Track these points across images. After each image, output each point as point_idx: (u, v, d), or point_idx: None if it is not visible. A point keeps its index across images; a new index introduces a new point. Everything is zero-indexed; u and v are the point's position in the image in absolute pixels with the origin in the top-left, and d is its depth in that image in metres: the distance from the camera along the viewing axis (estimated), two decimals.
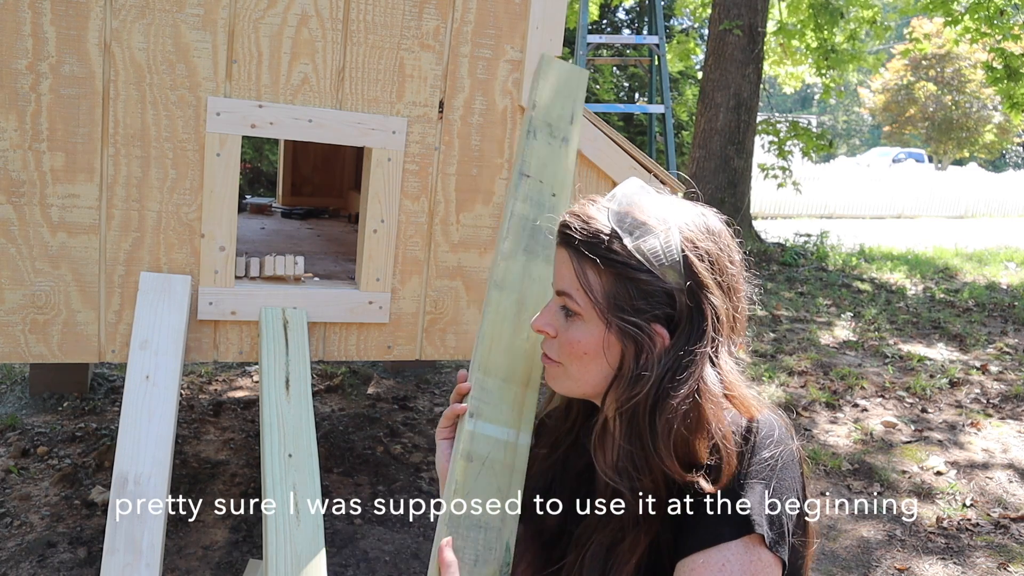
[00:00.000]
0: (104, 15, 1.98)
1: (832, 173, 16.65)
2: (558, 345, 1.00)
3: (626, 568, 0.95)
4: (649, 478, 0.93)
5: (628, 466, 0.94)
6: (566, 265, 0.98)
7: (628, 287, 0.94)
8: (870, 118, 34.05)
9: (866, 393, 4.64)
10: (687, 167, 9.57)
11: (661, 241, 0.94)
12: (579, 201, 1.01)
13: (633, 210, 0.96)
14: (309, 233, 3.61)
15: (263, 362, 2.12)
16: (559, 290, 0.99)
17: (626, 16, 16.63)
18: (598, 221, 0.96)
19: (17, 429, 3.42)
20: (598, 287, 0.95)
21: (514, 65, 2.39)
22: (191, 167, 2.13)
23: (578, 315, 0.98)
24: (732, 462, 0.91)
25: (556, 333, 1.00)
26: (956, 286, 8.15)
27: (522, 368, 1.09)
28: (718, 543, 0.89)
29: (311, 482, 1.90)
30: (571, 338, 0.98)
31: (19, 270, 2.03)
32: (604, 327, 0.96)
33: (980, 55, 18.35)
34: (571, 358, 0.99)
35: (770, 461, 0.92)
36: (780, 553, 0.90)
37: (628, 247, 0.93)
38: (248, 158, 9.11)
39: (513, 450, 1.04)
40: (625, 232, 0.94)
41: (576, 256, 0.96)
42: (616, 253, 0.94)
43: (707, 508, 0.91)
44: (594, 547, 0.98)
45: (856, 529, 3.08)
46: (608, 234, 0.94)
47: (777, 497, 0.91)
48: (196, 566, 2.55)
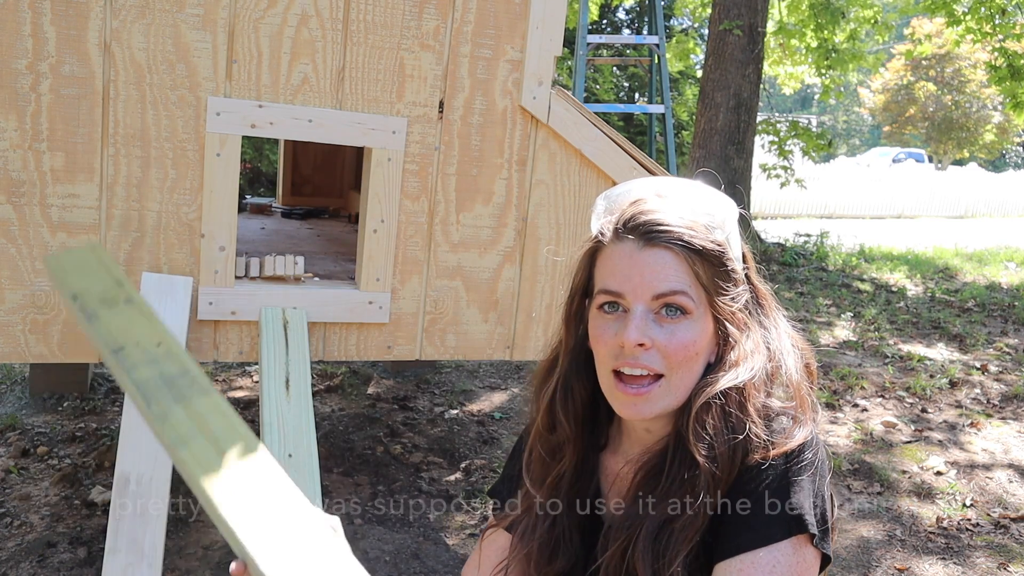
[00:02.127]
0: (104, 15, 1.98)
1: (832, 173, 16.65)
2: (662, 354, 0.94)
3: (685, 546, 0.91)
4: (730, 450, 0.93)
5: (714, 436, 0.93)
6: (669, 264, 0.94)
7: (725, 278, 0.97)
8: (870, 118, 34.06)
9: (866, 393, 4.64)
10: (687, 167, 9.57)
11: (736, 233, 0.99)
12: (634, 200, 0.99)
13: (701, 203, 0.98)
14: (309, 233, 3.61)
15: (263, 362, 2.12)
16: (664, 291, 0.94)
17: (626, 16, 16.63)
18: (686, 215, 0.96)
19: (17, 429, 3.42)
20: (706, 280, 0.95)
21: (514, 65, 2.39)
22: (191, 167, 2.13)
23: (688, 314, 0.94)
24: (806, 408, 0.96)
25: (652, 344, 0.94)
26: (956, 286, 8.15)
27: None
28: (768, 543, 0.88)
29: (311, 482, 1.90)
30: (683, 340, 0.94)
31: (19, 270, 2.04)
32: (712, 321, 0.97)
33: (981, 55, 18.35)
34: (681, 362, 0.95)
35: (810, 456, 0.92)
36: (824, 548, 0.90)
37: (721, 240, 0.97)
38: (248, 158, 9.11)
39: None
40: (716, 226, 0.97)
41: (684, 251, 0.94)
42: (719, 245, 0.96)
43: (758, 507, 0.90)
44: (649, 524, 0.94)
45: (856, 529, 3.08)
46: (704, 227, 0.96)
47: (821, 492, 0.92)
48: (196, 566, 2.55)
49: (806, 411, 0.97)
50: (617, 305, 0.97)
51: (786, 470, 0.91)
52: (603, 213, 1.02)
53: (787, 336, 1.03)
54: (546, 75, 2.41)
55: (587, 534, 1.05)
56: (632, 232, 0.96)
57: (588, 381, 1.05)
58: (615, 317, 0.97)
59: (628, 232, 0.96)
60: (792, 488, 0.90)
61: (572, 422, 1.05)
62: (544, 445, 1.08)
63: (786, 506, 0.89)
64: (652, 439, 1.03)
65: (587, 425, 1.07)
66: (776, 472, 0.91)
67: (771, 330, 1.01)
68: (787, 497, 0.89)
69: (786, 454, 0.91)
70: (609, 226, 0.99)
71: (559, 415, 1.06)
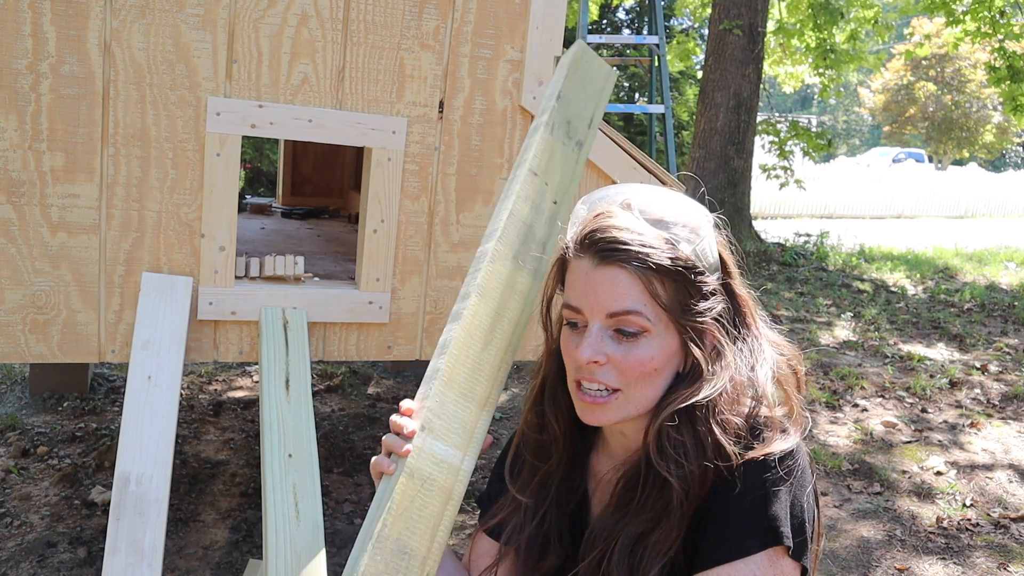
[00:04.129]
0: (104, 15, 1.98)
1: (832, 173, 16.65)
2: (617, 370, 0.94)
3: (658, 560, 0.92)
4: (699, 466, 0.92)
5: (682, 454, 0.92)
6: (622, 283, 0.93)
7: (691, 291, 0.94)
8: (870, 118, 34.05)
9: (866, 393, 4.64)
10: (687, 167, 9.57)
11: (708, 243, 0.97)
12: (597, 213, 0.97)
13: (667, 215, 0.96)
14: (309, 233, 3.61)
15: (263, 362, 2.12)
16: (617, 311, 0.93)
17: (626, 16, 16.63)
18: (646, 231, 0.94)
19: (17, 429, 3.42)
20: (666, 297, 0.93)
21: (514, 65, 2.39)
22: (191, 167, 2.13)
23: (644, 332, 0.94)
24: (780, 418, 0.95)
25: (607, 360, 0.94)
26: (956, 286, 8.15)
27: (482, 388, 0.99)
28: (744, 556, 0.88)
29: (311, 482, 1.89)
30: (639, 357, 0.94)
31: (19, 270, 2.03)
32: (677, 335, 0.95)
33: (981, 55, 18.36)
34: (638, 379, 0.95)
35: (789, 465, 0.91)
36: (803, 561, 0.90)
37: (686, 253, 0.94)
38: (248, 158, 9.11)
39: (455, 475, 0.95)
40: (681, 240, 0.94)
41: (639, 270, 0.92)
42: (681, 260, 0.93)
43: (735, 519, 0.90)
44: (624, 538, 0.94)
45: (856, 529, 3.08)
46: (666, 242, 0.93)
47: (799, 503, 0.91)
48: (196, 566, 2.55)
49: (790, 418, 0.96)
50: (576, 322, 0.98)
51: (763, 481, 0.90)
52: (576, 222, 1.02)
53: (769, 344, 1.02)
54: (546, 75, 2.41)
55: (577, 533, 1.05)
56: (589, 248, 0.95)
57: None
58: (577, 332, 0.98)
59: (586, 249, 0.96)
60: (769, 500, 0.89)
61: (560, 422, 1.06)
62: (533, 445, 1.08)
63: (763, 518, 0.88)
64: (629, 443, 1.03)
65: (574, 425, 1.07)
66: (753, 484, 0.90)
67: (748, 340, 0.99)
68: (764, 509, 0.89)
69: (764, 465, 0.90)
70: (573, 240, 0.99)
71: (548, 416, 1.06)
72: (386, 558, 0.90)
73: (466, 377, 0.98)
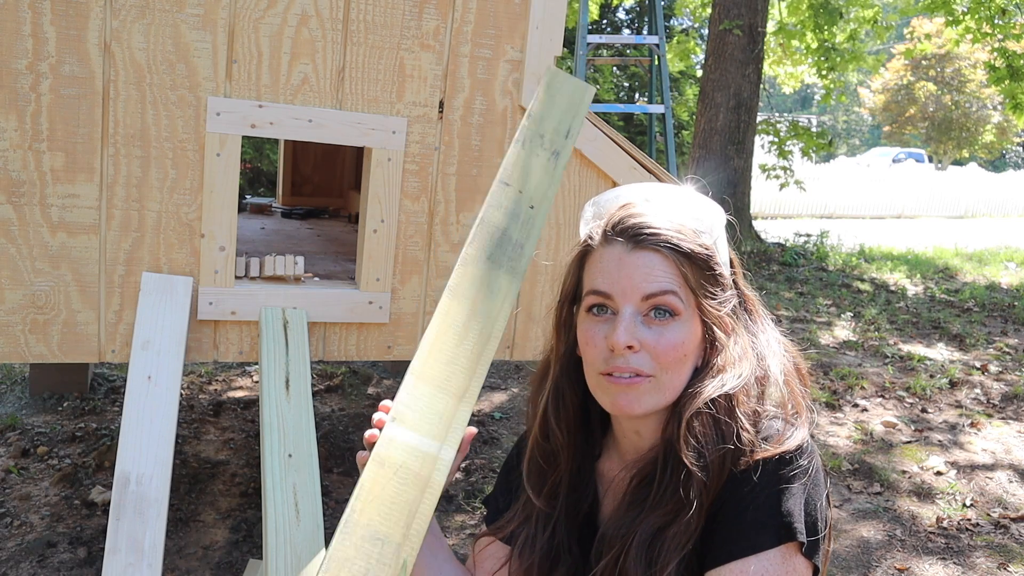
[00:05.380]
0: (104, 15, 1.98)
1: (832, 173, 16.65)
2: (651, 355, 0.94)
3: (677, 554, 0.91)
4: (719, 457, 0.92)
5: (705, 444, 0.93)
6: (658, 265, 0.95)
7: (713, 282, 0.97)
8: (870, 118, 34.05)
9: (866, 393, 4.64)
10: (687, 167, 9.58)
11: (723, 239, 1.00)
12: (623, 204, 1.00)
13: (689, 208, 0.99)
14: (309, 233, 3.61)
15: (263, 362, 2.12)
16: (654, 291, 0.94)
17: (626, 16, 16.63)
18: (675, 218, 0.97)
19: (17, 429, 3.42)
20: (694, 283, 0.96)
21: (514, 65, 2.39)
22: (191, 167, 2.13)
23: (676, 315, 0.95)
24: (802, 409, 0.97)
25: (641, 346, 0.94)
26: (956, 286, 8.15)
27: (459, 380, 1.02)
28: (758, 551, 0.88)
29: (311, 482, 1.90)
30: (672, 341, 0.94)
31: (19, 270, 2.04)
32: (700, 325, 0.97)
33: (980, 55, 18.36)
34: (671, 363, 0.95)
35: (804, 463, 0.91)
36: (815, 559, 0.89)
37: (709, 244, 0.97)
38: (248, 158, 9.11)
39: (432, 463, 0.97)
40: (704, 231, 0.97)
41: (672, 253, 0.95)
42: (706, 249, 0.97)
43: (749, 515, 0.89)
44: (641, 534, 0.94)
45: (856, 529, 3.08)
46: (693, 232, 0.97)
47: (813, 501, 0.90)
48: (196, 566, 2.55)
49: (800, 415, 0.96)
50: (606, 308, 0.97)
51: (778, 477, 0.90)
52: (591, 218, 1.03)
53: (776, 341, 1.03)
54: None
55: (584, 541, 1.05)
56: (621, 235, 0.96)
57: (579, 387, 1.05)
58: (604, 320, 0.97)
59: (617, 235, 0.97)
60: (783, 495, 0.89)
61: (564, 429, 1.06)
62: (541, 452, 1.08)
63: (776, 513, 0.88)
64: (643, 443, 1.02)
65: (580, 432, 1.07)
66: (767, 479, 0.90)
67: (759, 335, 1.01)
68: (778, 504, 0.89)
69: (778, 460, 0.90)
70: (598, 230, 0.99)
71: (551, 422, 1.06)
72: (356, 543, 0.92)
73: (440, 371, 1.01)
